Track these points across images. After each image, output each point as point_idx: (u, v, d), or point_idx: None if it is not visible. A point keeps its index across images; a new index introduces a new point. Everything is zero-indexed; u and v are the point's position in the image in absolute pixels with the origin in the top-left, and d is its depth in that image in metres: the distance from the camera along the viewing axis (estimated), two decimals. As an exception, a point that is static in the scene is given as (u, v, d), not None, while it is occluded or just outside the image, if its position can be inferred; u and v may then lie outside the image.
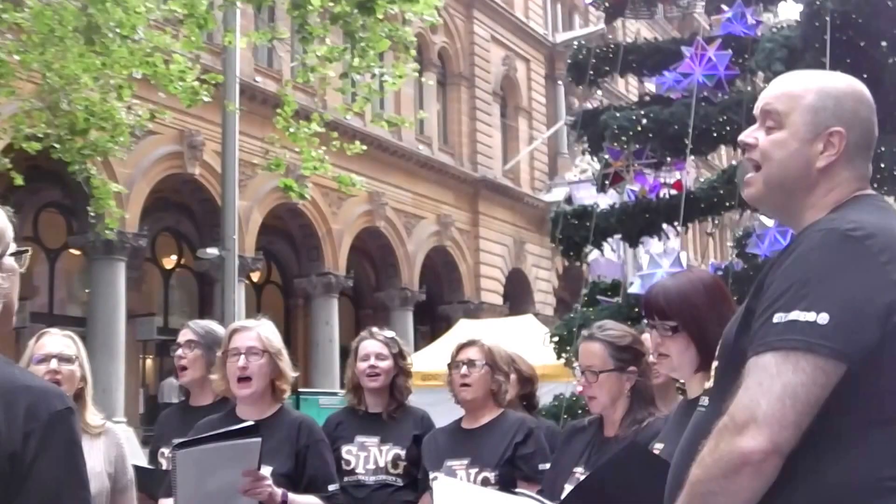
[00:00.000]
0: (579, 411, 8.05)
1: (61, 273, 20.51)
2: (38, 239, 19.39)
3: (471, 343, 4.08)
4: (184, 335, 4.37)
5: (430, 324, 27.21)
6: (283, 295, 25.11)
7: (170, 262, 22.99)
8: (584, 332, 3.44)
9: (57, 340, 3.54)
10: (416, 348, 19.62)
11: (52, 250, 19.96)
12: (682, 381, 2.93)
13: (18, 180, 10.66)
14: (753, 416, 1.65)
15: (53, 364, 3.45)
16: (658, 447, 2.68)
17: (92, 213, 11.48)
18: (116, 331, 17.26)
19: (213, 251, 15.30)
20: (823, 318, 1.66)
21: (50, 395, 1.72)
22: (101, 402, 13.80)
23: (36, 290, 19.76)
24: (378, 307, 25.21)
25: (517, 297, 28.94)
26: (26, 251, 1.89)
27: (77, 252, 18.96)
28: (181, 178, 19.44)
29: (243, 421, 3.45)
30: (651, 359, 3.06)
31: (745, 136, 1.96)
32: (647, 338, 3.49)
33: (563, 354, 9.75)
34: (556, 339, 10.03)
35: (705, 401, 2.05)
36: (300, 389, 17.31)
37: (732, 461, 1.66)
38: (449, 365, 4.09)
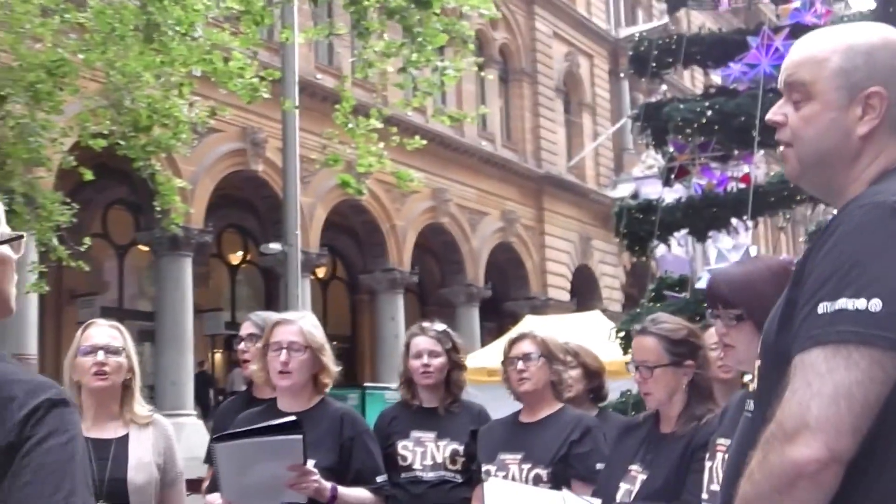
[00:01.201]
0: (632, 403, 7.90)
1: (130, 268, 20.83)
2: (106, 235, 19.73)
3: (522, 337, 3.98)
4: (245, 328, 4.34)
5: (497, 320, 27.09)
6: (348, 291, 25.23)
7: (236, 257, 23.23)
8: (637, 327, 3.35)
9: (103, 331, 3.47)
10: (483, 344, 19.54)
11: (121, 246, 20.28)
12: (750, 374, 2.77)
13: (88, 175, 10.79)
14: (805, 422, 1.45)
15: (100, 356, 3.39)
16: (723, 442, 2.56)
17: (157, 209, 11.56)
18: (184, 325, 17.46)
19: (275, 246, 15.38)
20: (875, 304, 1.45)
21: (44, 387, 1.64)
22: (170, 395, 13.95)
23: (106, 285, 20.10)
24: (443, 303, 25.15)
25: (584, 293, 28.68)
26: (21, 237, 1.81)
27: (145, 248, 19.23)
28: (244, 175, 19.60)
29: (283, 414, 3.42)
30: (715, 354, 3.00)
31: (773, 113, 1.75)
32: (712, 332, 3.39)
33: (630, 350, 9.59)
34: (621, 334, 9.87)
35: (751, 405, 1.85)
36: (366, 384, 17.34)
37: (785, 474, 1.46)
38: (503, 362, 3.98)
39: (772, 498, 1.49)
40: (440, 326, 4.38)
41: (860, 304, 1.46)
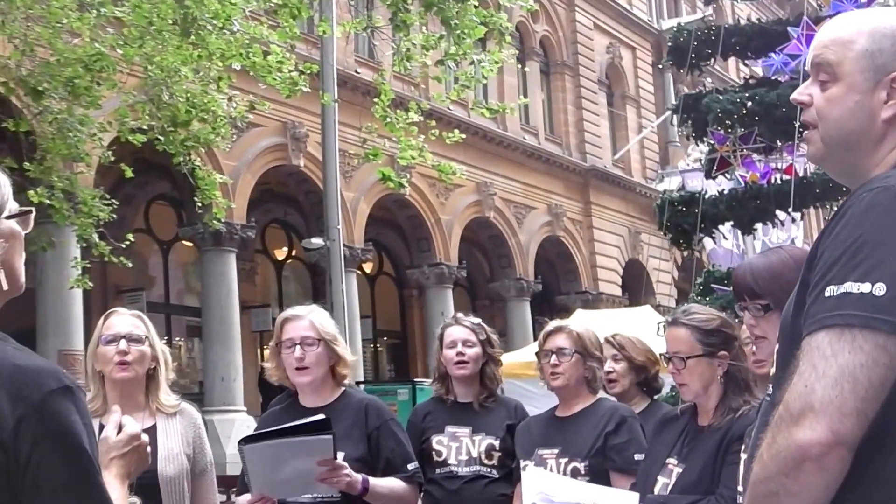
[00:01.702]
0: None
1: (175, 264, 20.97)
2: (150, 230, 19.87)
3: (558, 330, 3.93)
4: None
5: (548, 314, 26.81)
6: (396, 286, 25.17)
7: (281, 253, 23.29)
8: (668, 318, 3.36)
9: (125, 320, 3.42)
10: (535, 339, 19.30)
11: (165, 242, 20.41)
12: None
13: (128, 172, 10.85)
14: (809, 404, 1.47)
15: (122, 345, 3.33)
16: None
17: (199, 205, 11.60)
18: (231, 321, 17.48)
19: (318, 241, 15.38)
20: (880, 288, 1.47)
21: (43, 375, 1.56)
22: (219, 390, 13.98)
23: (152, 280, 20.25)
24: (494, 297, 25.02)
25: (636, 287, 28.40)
26: (30, 212, 1.77)
27: (189, 243, 19.36)
28: (286, 170, 19.61)
29: (306, 410, 3.41)
30: (749, 349, 2.93)
31: (798, 93, 1.75)
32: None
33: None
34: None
35: (770, 389, 1.88)
36: (416, 379, 17.30)
37: (791, 456, 1.48)
38: (537, 353, 3.95)
39: (779, 480, 1.50)
40: (475, 319, 4.35)
41: (865, 287, 1.48)
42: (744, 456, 2.62)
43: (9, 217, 1.72)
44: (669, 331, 3.24)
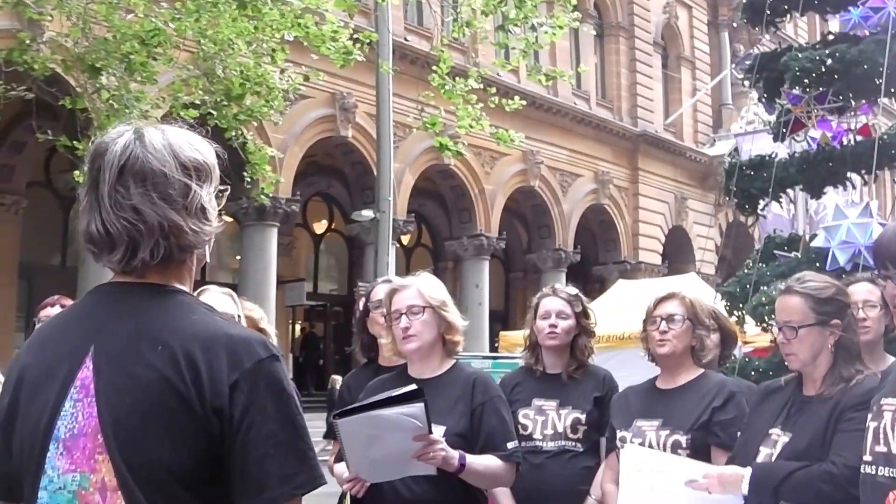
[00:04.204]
0: (751, 373, 7.51)
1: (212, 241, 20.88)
2: (193, 207, 19.73)
3: (670, 296, 3.84)
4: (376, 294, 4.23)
5: (583, 285, 26.66)
6: (432, 257, 25.01)
7: (320, 226, 23.18)
8: (781, 286, 3.24)
9: (217, 298, 3.43)
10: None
11: (207, 217, 20.30)
12: None
13: (177, 148, 10.67)
14: None
15: None
16: (891, 402, 2.50)
17: (247, 179, 11.47)
18: (267, 297, 17.37)
19: (367, 213, 15.22)
20: None
21: (253, 343, 1.64)
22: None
23: (188, 258, 20.18)
24: (529, 269, 24.83)
25: (677, 255, 28.05)
26: (227, 189, 1.82)
27: (229, 219, 19.24)
28: (333, 142, 19.45)
29: (414, 379, 3.38)
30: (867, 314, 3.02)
31: None
32: (854, 290, 3.43)
33: (735, 313, 9.18)
34: (727, 296, 9.45)
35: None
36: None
37: None
38: (644, 320, 3.85)
39: None
40: (572, 290, 4.31)
41: None
42: (873, 424, 2.57)
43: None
44: (781, 299, 3.14)
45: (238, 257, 18.78)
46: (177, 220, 1.67)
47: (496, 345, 16.05)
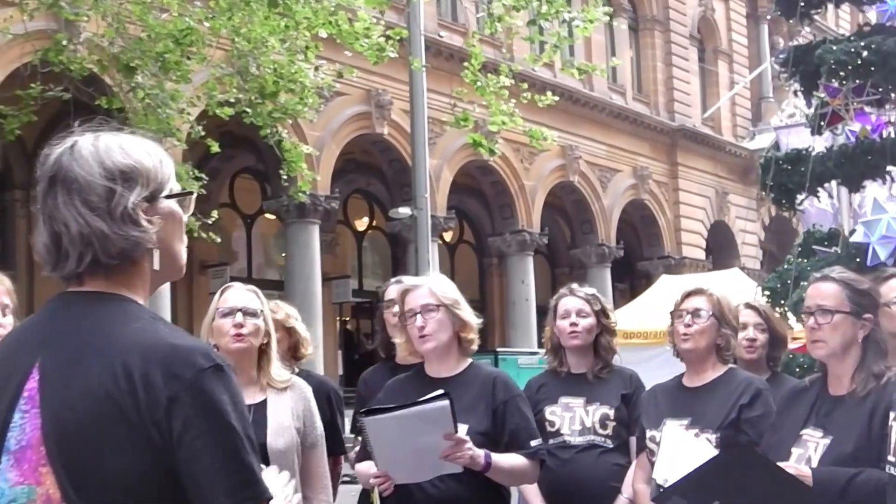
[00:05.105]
0: (796, 369, 7.40)
1: (258, 238, 21.07)
2: (234, 204, 19.95)
3: (697, 291, 3.81)
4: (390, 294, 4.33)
5: (630, 281, 26.52)
6: (476, 254, 25.01)
7: (362, 223, 23.25)
8: (817, 275, 3.19)
9: (241, 294, 3.46)
10: (616, 306, 18.94)
11: (248, 215, 20.49)
12: None
13: (214, 147, 10.84)
14: None
15: (238, 317, 3.37)
16: None
17: (284, 177, 11.54)
18: (313, 293, 17.50)
19: (405, 211, 15.26)
20: None
21: (195, 354, 1.58)
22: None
23: (235, 255, 20.38)
24: (574, 265, 24.70)
25: (721, 250, 27.75)
26: (190, 193, 1.76)
27: (272, 217, 19.35)
28: (370, 139, 19.49)
29: (433, 380, 3.44)
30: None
31: None
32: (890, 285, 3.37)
33: (777, 308, 9.08)
34: (768, 292, 9.35)
35: None
36: (498, 349, 17.05)
37: None
38: (672, 314, 3.83)
39: None
40: (590, 290, 4.30)
41: None
42: (895, 425, 2.55)
43: (168, 196, 1.70)
44: (816, 286, 3.10)
45: (283, 254, 18.90)
46: (99, 225, 1.61)
47: (542, 340, 16.01)
